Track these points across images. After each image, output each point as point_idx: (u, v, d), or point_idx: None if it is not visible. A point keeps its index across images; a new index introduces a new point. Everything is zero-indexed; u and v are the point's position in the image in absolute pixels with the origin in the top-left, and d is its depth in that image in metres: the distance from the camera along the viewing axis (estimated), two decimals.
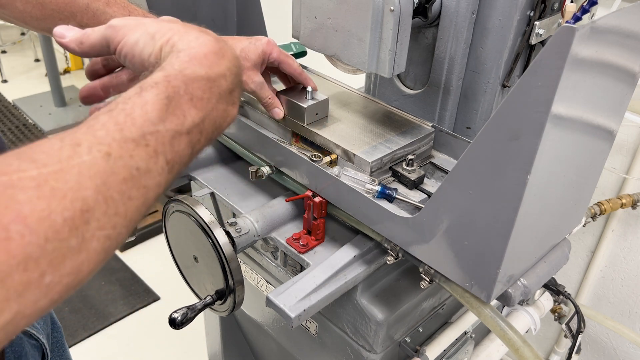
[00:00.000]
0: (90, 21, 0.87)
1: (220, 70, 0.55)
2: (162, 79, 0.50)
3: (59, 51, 4.29)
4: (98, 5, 0.87)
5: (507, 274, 0.76)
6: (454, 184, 0.73)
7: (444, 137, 1.05)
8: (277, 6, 2.15)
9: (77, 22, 0.86)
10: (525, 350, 0.79)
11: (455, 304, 1.19)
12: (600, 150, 0.82)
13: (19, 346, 0.80)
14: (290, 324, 0.84)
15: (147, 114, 0.47)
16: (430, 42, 1.09)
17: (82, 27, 0.86)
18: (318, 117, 1.04)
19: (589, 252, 1.79)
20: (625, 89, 0.76)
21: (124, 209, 0.43)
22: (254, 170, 1.03)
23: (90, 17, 0.86)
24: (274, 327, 1.27)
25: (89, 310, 2.42)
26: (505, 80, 1.06)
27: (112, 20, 0.63)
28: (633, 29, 0.67)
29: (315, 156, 0.97)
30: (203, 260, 0.93)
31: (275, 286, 1.16)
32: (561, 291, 1.42)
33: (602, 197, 1.61)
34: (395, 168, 0.97)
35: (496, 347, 1.28)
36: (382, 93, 1.23)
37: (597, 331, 1.88)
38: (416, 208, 0.89)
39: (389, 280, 1.03)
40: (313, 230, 0.97)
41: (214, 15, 1.34)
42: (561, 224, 0.87)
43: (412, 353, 1.08)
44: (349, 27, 0.94)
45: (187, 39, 0.57)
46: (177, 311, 0.86)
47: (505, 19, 0.99)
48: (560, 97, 0.60)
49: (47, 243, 0.36)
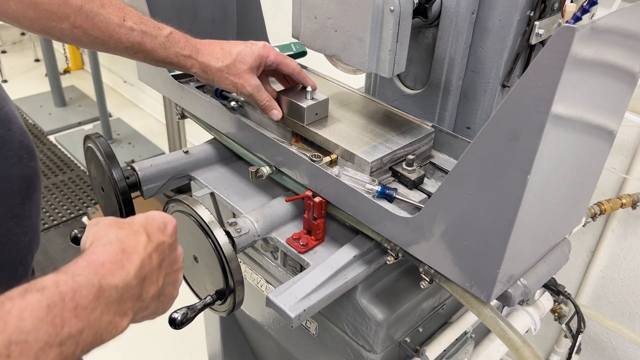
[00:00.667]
0: (84, 23, 0.87)
1: (114, 281, 0.53)
2: (52, 284, 0.49)
3: (58, 51, 4.30)
4: (92, 7, 0.87)
5: (507, 274, 0.76)
6: (454, 184, 0.73)
7: (444, 137, 1.05)
8: (277, 6, 2.15)
9: (71, 23, 0.86)
10: (525, 350, 0.79)
11: (455, 304, 1.19)
12: (600, 150, 0.82)
13: None
14: (290, 324, 0.84)
15: (21, 320, 0.45)
16: (430, 42, 1.09)
17: (75, 29, 0.85)
18: (318, 117, 1.04)
19: (589, 252, 1.79)
20: (625, 89, 0.76)
21: None
22: (254, 170, 1.03)
23: (83, 18, 0.86)
24: (274, 327, 1.27)
25: None
26: (505, 80, 1.06)
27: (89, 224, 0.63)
28: (633, 29, 0.67)
29: (315, 156, 0.97)
30: (203, 260, 0.93)
31: (275, 286, 1.16)
32: (561, 291, 1.42)
33: (602, 197, 1.61)
34: (395, 168, 0.97)
35: (496, 347, 1.28)
36: (382, 93, 1.23)
37: (597, 331, 1.88)
38: (416, 208, 0.89)
39: (389, 280, 1.03)
40: (313, 230, 0.97)
41: (214, 15, 1.34)
42: (561, 224, 0.87)
43: (412, 353, 1.08)
44: (349, 27, 0.94)
45: (97, 243, 0.57)
46: (177, 311, 0.86)
47: (505, 19, 0.99)
48: (560, 97, 0.60)
49: None
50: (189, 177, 1.17)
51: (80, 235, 1.01)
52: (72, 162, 3.48)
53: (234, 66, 0.97)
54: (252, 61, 0.98)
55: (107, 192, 1.05)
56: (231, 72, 0.98)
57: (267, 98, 1.01)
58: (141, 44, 0.91)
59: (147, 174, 1.08)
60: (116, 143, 3.66)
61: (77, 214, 3.03)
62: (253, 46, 0.99)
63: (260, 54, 0.99)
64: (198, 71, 0.98)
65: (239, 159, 1.21)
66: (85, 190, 3.24)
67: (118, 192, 1.00)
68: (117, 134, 3.76)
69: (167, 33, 0.93)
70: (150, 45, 0.92)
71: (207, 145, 1.22)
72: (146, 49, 0.92)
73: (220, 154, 1.21)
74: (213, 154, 1.20)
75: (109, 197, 1.05)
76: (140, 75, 1.35)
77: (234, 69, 0.97)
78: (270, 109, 1.02)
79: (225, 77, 0.98)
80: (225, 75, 0.98)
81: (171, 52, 0.94)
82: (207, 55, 0.97)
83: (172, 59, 0.95)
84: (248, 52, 0.98)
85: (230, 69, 0.97)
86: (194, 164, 1.17)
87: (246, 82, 0.98)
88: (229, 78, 0.98)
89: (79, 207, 3.09)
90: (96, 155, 1.03)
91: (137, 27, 0.90)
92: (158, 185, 1.11)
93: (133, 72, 4.02)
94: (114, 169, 1.00)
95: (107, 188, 1.04)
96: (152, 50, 0.93)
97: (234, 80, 0.98)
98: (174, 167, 1.13)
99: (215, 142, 1.22)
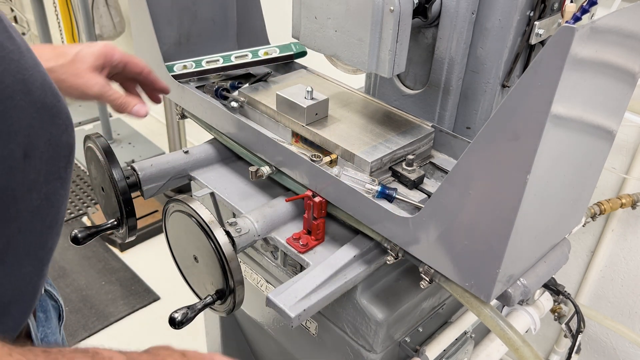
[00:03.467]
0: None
1: None
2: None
3: None
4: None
5: (507, 273, 0.76)
6: (454, 184, 0.73)
7: (444, 137, 1.05)
8: (277, 6, 2.15)
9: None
10: (525, 350, 0.79)
11: (455, 303, 1.19)
12: (600, 150, 0.82)
13: (45, 303, 0.82)
14: (290, 323, 0.84)
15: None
16: (430, 42, 1.09)
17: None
18: (318, 117, 1.04)
19: (589, 252, 1.79)
20: (625, 89, 0.76)
21: None
22: (254, 170, 1.03)
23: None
24: (274, 327, 1.27)
25: (89, 310, 2.42)
26: (505, 80, 1.06)
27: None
28: (633, 29, 0.67)
29: (315, 156, 0.97)
30: (203, 260, 0.93)
31: (275, 286, 1.16)
32: (561, 291, 1.42)
33: (602, 197, 1.61)
34: (395, 168, 0.97)
35: (496, 347, 1.28)
36: (382, 93, 1.23)
37: (597, 331, 1.88)
38: (416, 208, 0.89)
39: (389, 280, 1.03)
40: (313, 230, 0.97)
41: (214, 15, 1.34)
42: (561, 224, 0.87)
43: (412, 353, 1.08)
44: (349, 27, 0.94)
45: (163, 353, 0.68)
46: (177, 311, 0.86)
47: (505, 19, 0.99)
48: (560, 97, 0.60)
49: None
50: (189, 177, 1.17)
51: (80, 235, 1.02)
52: None
53: (72, 66, 0.86)
54: (92, 60, 0.88)
55: (107, 192, 1.05)
56: (68, 71, 0.86)
57: (118, 95, 0.90)
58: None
59: (147, 174, 1.08)
60: (116, 143, 3.66)
61: (77, 214, 3.03)
62: (93, 45, 0.90)
63: (102, 52, 0.90)
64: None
65: (239, 159, 1.21)
66: (85, 190, 3.24)
67: (118, 192, 1.00)
68: (117, 134, 3.76)
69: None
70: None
71: (207, 145, 1.22)
72: None
73: (220, 154, 1.21)
74: (213, 154, 1.20)
75: (109, 197, 1.05)
76: None
77: (72, 69, 0.86)
78: (130, 106, 0.92)
79: (61, 79, 0.85)
80: (61, 77, 0.85)
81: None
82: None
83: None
84: (87, 51, 0.88)
85: (67, 68, 0.86)
86: (194, 164, 1.17)
87: (89, 81, 0.87)
88: (68, 80, 0.86)
89: (79, 207, 3.09)
90: (96, 155, 1.03)
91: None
92: (158, 185, 1.11)
93: None
94: (114, 169, 1.00)
95: (107, 188, 1.04)
96: None
97: (74, 81, 0.86)
98: (174, 167, 1.13)
99: (215, 142, 1.22)
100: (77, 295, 2.49)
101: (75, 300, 2.46)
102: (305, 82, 1.20)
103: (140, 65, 0.95)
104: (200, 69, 1.25)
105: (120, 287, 2.55)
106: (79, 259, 2.70)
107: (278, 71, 1.36)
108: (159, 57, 1.21)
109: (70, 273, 2.61)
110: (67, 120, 0.68)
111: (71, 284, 2.54)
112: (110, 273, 2.63)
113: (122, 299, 2.49)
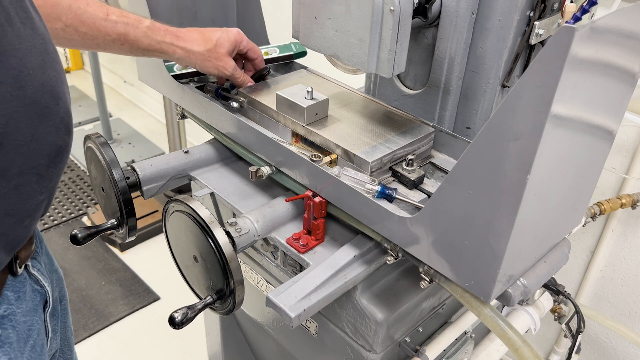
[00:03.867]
0: (74, 20, 0.96)
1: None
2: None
3: (59, 51, 4.28)
4: (79, 5, 0.97)
5: (506, 273, 0.76)
6: (454, 184, 0.73)
7: (444, 137, 1.05)
8: (277, 6, 2.15)
9: (63, 22, 0.95)
10: (525, 350, 0.79)
11: (455, 303, 1.19)
12: (600, 150, 0.82)
13: (21, 285, 0.82)
14: (290, 323, 0.84)
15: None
16: (430, 42, 1.09)
17: (67, 27, 0.96)
18: (318, 117, 1.04)
19: (589, 252, 1.79)
20: (625, 89, 0.76)
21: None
22: (254, 170, 1.03)
23: (73, 16, 0.96)
24: (274, 327, 1.27)
25: (89, 310, 2.42)
26: (505, 80, 1.06)
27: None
28: (633, 29, 0.67)
29: (315, 156, 0.97)
30: (203, 260, 0.93)
31: (275, 286, 1.16)
32: (561, 291, 1.42)
33: (602, 197, 1.61)
34: (395, 168, 0.97)
35: (496, 347, 1.28)
36: (382, 93, 1.23)
37: (597, 331, 1.88)
38: (416, 208, 0.89)
39: (389, 280, 1.03)
40: (313, 230, 0.97)
41: (214, 15, 1.34)
42: (561, 224, 0.87)
43: (412, 353, 1.08)
44: (349, 27, 0.94)
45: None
46: (177, 311, 0.86)
47: (505, 19, 0.99)
48: (560, 97, 0.60)
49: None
50: (189, 177, 1.17)
51: (80, 235, 1.02)
52: (72, 162, 3.48)
53: (215, 50, 1.10)
54: (229, 45, 1.11)
55: (107, 192, 1.05)
56: (212, 55, 1.10)
57: (243, 74, 1.16)
58: (125, 35, 1.01)
59: (147, 174, 1.08)
60: (116, 143, 3.66)
61: (77, 214, 3.03)
62: (229, 32, 1.12)
63: (235, 39, 1.13)
64: (181, 56, 1.08)
65: (239, 159, 1.21)
66: (85, 190, 3.24)
67: (118, 192, 1.00)
68: (117, 134, 3.76)
69: (148, 23, 1.03)
70: (133, 35, 1.02)
71: (207, 145, 1.22)
72: (130, 39, 1.02)
73: (220, 154, 1.21)
74: (213, 154, 1.20)
75: (109, 197, 1.05)
76: (141, 75, 1.35)
77: (215, 53, 1.10)
78: (246, 83, 1.17)
79: (207, 60, 1.10)
80: (207, 58, 1.10)
81: (153, 40, 1.04)
82: (188, 42, 1.07)
83: (154, 46, 1.05)
84: (225, 37, 1.11)
85: (212, 53, 1.09)
86: (194, 164, 1.17)
87: (226, 64, 1.12)
88: (212, 61, 1.10)
89: (79, 207, 3.09)
90: (96, 155, 1.03)
91: (120, 20, 1.01)
92: (158, 185, 1.11)
93: (133, 72, 4.02)
94: (114, 169, 1.00)
95: (107, 188, 1.04)
96: (135, 40, 1.03)
97: (216, 63, 1.11)
98: (174, 167, 1.13)
99: (215, 142, 1.22)
100: (77, 295, 2.49)
101: (75, 300, 2.46)
102: (305, 82, 1.20)
103: (258, 52, 1.20)
104: None
105: (120, 287, 2.56)
106: (79, 259, 2.70)
107: (278, 71, 1.36)
108: None
109: (70, 273, 2.61)
110: (60, 123, 0.74)
111: (71, 284, 2.54)
112: (110, 273, 2.63)
113: (122, 299, 2.49)
